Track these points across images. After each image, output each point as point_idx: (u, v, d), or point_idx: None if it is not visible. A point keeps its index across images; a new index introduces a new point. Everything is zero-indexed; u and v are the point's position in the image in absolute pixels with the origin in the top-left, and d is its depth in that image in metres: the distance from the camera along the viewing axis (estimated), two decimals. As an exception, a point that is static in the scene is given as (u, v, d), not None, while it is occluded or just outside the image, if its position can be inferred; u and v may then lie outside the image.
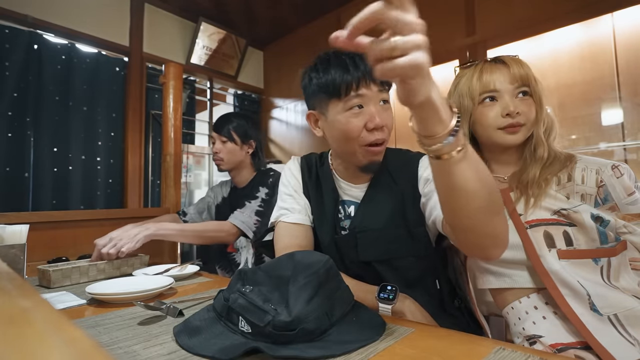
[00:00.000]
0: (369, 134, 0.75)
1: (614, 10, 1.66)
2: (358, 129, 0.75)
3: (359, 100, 0.74)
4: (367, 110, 0.75)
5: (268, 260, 0.85)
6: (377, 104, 0.76)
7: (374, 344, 0.52)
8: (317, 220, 0.88)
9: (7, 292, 0.29)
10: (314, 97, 0.81)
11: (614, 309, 0.65)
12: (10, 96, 1.99)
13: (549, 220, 0.71)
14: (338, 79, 0.73)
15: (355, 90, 0.73)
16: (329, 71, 0.75)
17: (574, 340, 0.66)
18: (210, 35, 2.86)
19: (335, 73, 0.74)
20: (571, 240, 0.69)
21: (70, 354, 0.15)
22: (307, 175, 0.92)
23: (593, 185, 0.70)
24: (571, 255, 0.68)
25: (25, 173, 2.03)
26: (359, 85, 0.73)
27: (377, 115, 0.74)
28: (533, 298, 0.72)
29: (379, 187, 0.83)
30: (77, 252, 1.48)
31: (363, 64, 0.73)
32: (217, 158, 1.51)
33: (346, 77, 0.73)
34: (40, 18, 2.08)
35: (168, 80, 2.14)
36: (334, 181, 0.89)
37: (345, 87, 0.73)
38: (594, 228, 0.68)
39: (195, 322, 0.58)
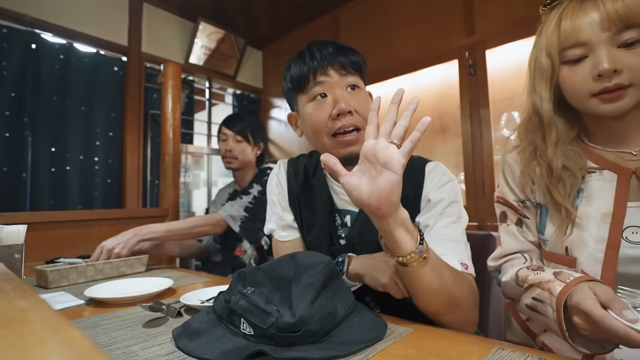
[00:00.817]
0: (335, 121, 0.71)
1: (612, 11, 1.67)
2: (323, 119, 0.72)
3: (320, 89, 0.72)
4: (331, 97, 0.72)
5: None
6: (343, 89, 0.72)
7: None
8: (308, 230, 0.84)
9: (5, 292, 0.29)
10: (288, 96, 0.81)
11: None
12: (8, 96, 1.98)
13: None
14: (297, 71, 0.73)
15: (314, 79, 0.72)
16: (291, 67, 0.76)
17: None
18: (209, 35, 2.85)
19: (295, 66, 0.75)
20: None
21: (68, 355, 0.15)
22: (295, 183, 0.86)
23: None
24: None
25: (23, 173, 2.02)
26: (316, 73, 0.72)
27: (343, 100, 0.70)
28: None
29: None
30: (75, 253, 1.47)
31: (320, 53, 0.71)
32: (229, 156, 1.50)
33: (303, 68, 0.73)
34: (38, 17, 2.07)
35: (167, 80, 2.14)
36: (328, 187, 0.83)
37: (305, 78, 0.72)
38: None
39: (195, 325, 0.57)
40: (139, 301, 0.78)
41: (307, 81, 0.72)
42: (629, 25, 0.51)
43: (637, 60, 0.52)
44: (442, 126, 2.25)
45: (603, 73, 0.53)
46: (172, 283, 0.89)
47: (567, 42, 0.56)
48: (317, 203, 0.83)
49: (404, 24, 2.33)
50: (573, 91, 0.58)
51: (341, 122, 0.71)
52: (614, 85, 0.53)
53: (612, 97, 0.54)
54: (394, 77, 2.36)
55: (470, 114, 2.04)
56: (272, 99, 3.33)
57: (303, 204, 0.85)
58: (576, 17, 0.55)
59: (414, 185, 0.76)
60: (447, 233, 0.70)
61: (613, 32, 0.53)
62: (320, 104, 0.73)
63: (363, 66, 0.77)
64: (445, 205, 0.72)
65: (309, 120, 0.75)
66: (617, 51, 0.53)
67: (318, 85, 0.72)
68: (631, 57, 0.52)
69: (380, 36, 2.44)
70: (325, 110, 0.72)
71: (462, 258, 0.67)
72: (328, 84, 0.72)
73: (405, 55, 2.30)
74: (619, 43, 0.53)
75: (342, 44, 0.76)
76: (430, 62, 2.19)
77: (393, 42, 2.38)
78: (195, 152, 3.15)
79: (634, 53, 0.52)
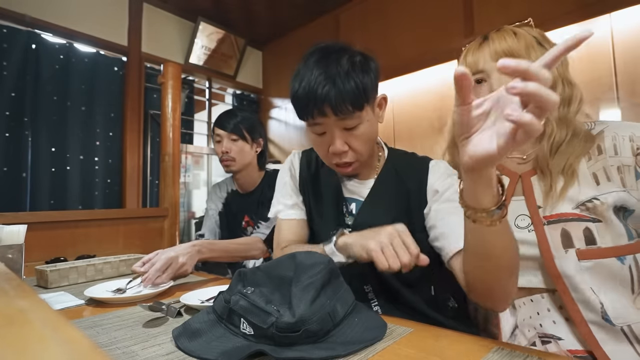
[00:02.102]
0: (332, 156, 0.76)
1: (612, 11, 1.67)
2: (323, 152, 0.77)
3: (320, 128, 0.74)
4: (328, 136, 0.74)
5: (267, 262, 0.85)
6: (340, 129, 0.73)
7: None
8: (317, 217, 0.87)
9: (5, 292, 0.29)
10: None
11: (627, 321, 0.60)
12: (8, 96, 1.98)
13: (569, 216, 0.63)
14: (299, 104, 0.73)
15: (312, 119, 0.72)
16: (296, 89, 0.72)
17: (583, 348, 0.62)
18: (209, 35, 2.85)
19: (298, 96, 0.72)
20: (594, 238, 0.62)
21: (68, 355, 0.15)
22: (307, 171, 0.91)
23: (629, 155, 0.61)
24: (591, 255, 0.61)
25: (23, 173, 2.02)
26: (315, 115, 0.71)
27: (337, 143, 0.73)
28: (547, 298, 0.67)
29: (385, 185, 0.82)
30: (75, 253, 1.47)
31: (322, 88, 0.68)
32: (227, 158, 1.35)
33: (302, 104, 0.72)
34: (38, 17, 2.07)
35: (167, 80, 2.14)
36: (338, 178, 0.87)
37: (305, 113, 0.73)
38: (618, 221, 0.61)
39: (195, 325, 0.57)
40: (139, 301, 0.78)
41: (308, 117, 0.73)
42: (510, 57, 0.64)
43: None
44: (441, 126, 2.25)
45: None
46: (172, 283, 0.89)
47: (472, 69, 0.72)
48: (325, 191, 0.87)
49: (404, 24, 2.33)
50: None
51: (336, 159, 0.76)
52: None
53: None
54: (393, 77, 2.36)
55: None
56: (272, 99, 3.33)
57: (311, 191, 0.89)
58: (477, 52, 0.73)
59: (418, 180, 0.80)
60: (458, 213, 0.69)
61: None
62: (319, 138, 0.76)
63: (369, 91, 0.72)
64: (452, 192, 0.74)
65: (312, 144, 0.81)
66: (504, 77, 0.66)
67: (317, 125, 0.74)
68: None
69: (380, 36, 2.44)
70: (324, 145, 0.76)
71: None
72: (326, 125, 0.73)
73: (405, 56, 2.30)
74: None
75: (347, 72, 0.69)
76: (430, 62, 2.19)
77: (393, 42, 2.38)
78: (195, 152, 3.15)
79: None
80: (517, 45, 0.68)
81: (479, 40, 0.75)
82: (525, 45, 0.68)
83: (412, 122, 2.37)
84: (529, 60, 0.61)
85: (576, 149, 0.66)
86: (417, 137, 2.37)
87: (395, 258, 0.60)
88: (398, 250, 0.60)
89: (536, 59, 0.63)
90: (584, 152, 0.66)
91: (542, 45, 0.70)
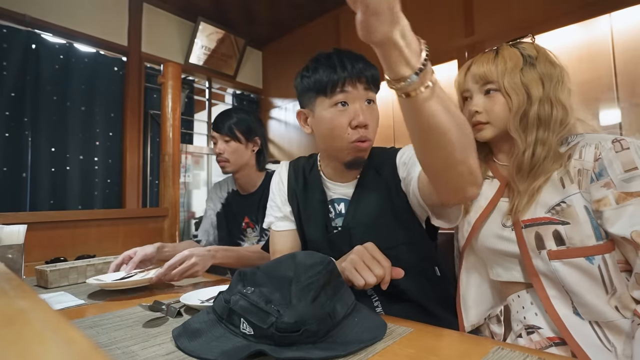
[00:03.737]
0: (354, 131, 0.78)
1: (612, 11, 1.67)
2: (343, 126, 0.78)
3: (343, 97, 0.77)
4: (352, 108, 0.78)
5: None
6: (363, 102, 0.79)
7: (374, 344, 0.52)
8: (305, 222, 0.92)
9: (5, 292, 0.29)
10: (303, 95, 0.85)
11: (594, 317, 0.65)
12: (8, 96, 1.98)
13: (542, 220, 0.69)
14: (325, 77, 0.77)
15: (341, 87, 0.77)
16: (317, 70, 0.79)
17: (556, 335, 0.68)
18: (209, 35, 2.85)
19: (324, 72, 0.78)
20: (562, 239, 0.67)
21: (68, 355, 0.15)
22: (294, 181, 0.95)
23: (590, 160, 0.66)
24: (561, 255, 0.66)
25: (23, 173, 2.02)
26: (344, 83, 0.77)
27: (362, 114, 0.77)
28: (530, 293, 0.73)
29: (367, 182, 0.86)
30: (75, 252, 1.47)
31: (351, 65, 0.77)
32: (221, 159, 1.36)
33: (333, 76, 0.77)
34: (38, 17, 2.07)
35: (167, 80, 2.14)
36: (322, 183, 0.92)
37: (332, 84, 0.77)
38: (587, 222, 0.65)
39: (195, 325, 0.57)
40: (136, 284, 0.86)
41: (335, 88, 0.77)
42: (486, 81, 0.76)
43: (493, 105, 0.75)
44: (442, 126, 2.25)
45: (470, 112, 0.78)
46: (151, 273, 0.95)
47: (460, 88, 0.82)
48: (313, 196, 0.91)
49: (404, 24, 2.32)
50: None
51: (359, 133, 0.78)
52: (476, 120, 0.77)
53: (478, 128, 0.78)
54: (393, 77, 2.36)
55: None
56: (272, 99, 3.33)
57: (301, 199, 0.93)
58: (462, 73, 0.81)
59: (390, 167, 0.84)
60: None
61: (479, 85, 0.77)
62: (341, 112, 0.78)
63: (380, 82, 0.81)
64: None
65: (327, 124, 0.80)
66: (483, 97, 0.77)
67: (343, 93, 0.77)
68: (489, 102, 0.76)
69: (380, 36, 2.43)
70: (345, 118, 0.78)
71: None
72: (352, 95, 0.77)
73: (405, 56, 2.30)
74: (483, 92, 0.77)
75: (364, 58, 0.80)
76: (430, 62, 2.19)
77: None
78: (195, 152, 3.15)
79: (492, 100, 0.76)
80: (492, 71, 0.75)
81: (468, 63, 0.82)
82: (502, 69, 0.74)
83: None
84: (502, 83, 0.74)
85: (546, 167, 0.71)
86: (417, 137, 2.36)
87: (369, 272, 0.63)
88: (370, 264, 0.64)
89: (508, 83, 0.74)
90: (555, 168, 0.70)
91: (533, 65, 0.74)
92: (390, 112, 2.38)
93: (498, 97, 0.75)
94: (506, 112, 0.74)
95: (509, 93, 0.73)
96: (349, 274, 0.65)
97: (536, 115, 0.71)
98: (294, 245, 0.94)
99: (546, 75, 0.73)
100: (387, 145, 0.95)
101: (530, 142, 0.71)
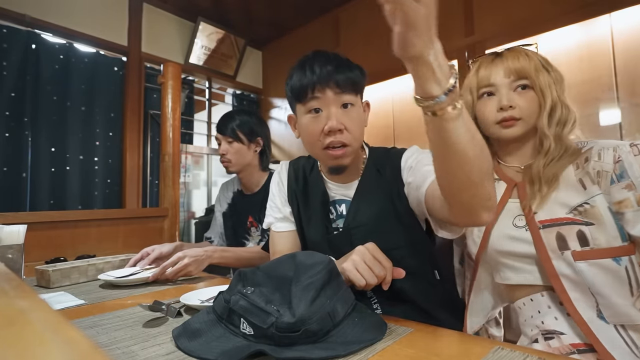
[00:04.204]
0: (326, 136, 0.77)
1: (612, 11, 1.67)
2: (316, 133, 0.77)
3: (316, 104, 0.77)
4: (325, 113, 0.77)
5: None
6: (337, 107, 0.77)
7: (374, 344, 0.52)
8: (306, 223, 0.91)
9: (5, 292, 0.29)
10: (289, 101, 0.86)
11: (620, 320, 0.63)
12: (8, 96, 1.98)
13: (563, 220, 0.68)
14: (297, 82, 0.77)
15: (311, 94, 0.76)
16: (292, 76, 0.79)
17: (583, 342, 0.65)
18: (209, 35, 2.85)
19: (296, 78, 0.78)
20: (587, 240, 0.65)
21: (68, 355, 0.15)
22: (294, 181, 0.94)
23: (610, 162, 0.67)
24: (587, 256, 0.65)
25: (23, 173, 2.02)
26: (314, 88, 0.75)
27: (334, 118, 0.75)
28: (547, 296, 0.71)
29: (368, 183, 0.85)
30: (75, 252, 1.47)
31: (319, 69, 0.75)
32: (224, 160, 1.42)
33: (303, 81, 0.76)
34: (38, 17, 2.07)
35: (167, 80, 2.14)
36: (324, 183, 0.90)
37: (303, 90, 0.76)
38: (612, 223, 0.65)
39: (195, 325, 0.57)
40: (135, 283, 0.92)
41: (305, 94, 0.77)
42: (521, 76, 0.74)
43: (527, 101, 0.74)
44: (442, 126, 2.25)
45: (503, 107, 0.74)
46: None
47: (483, 83, 0.78)
48: (313, 197, 0.90)
49: (404, 24, 2.32)
50: (483, 119, 0.79)
51: (331, 138, 0.76)
52: (509, 115, 0.74)
53: (508, 125, 0.75)
54: (393, 77, 2.36)
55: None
56: (272, 99, 3.33)
57: (301, 199, 0.92)
58: (489, 67, 0.78)
59: (394, 168, 0.83)
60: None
61: (511, 79, 0.75)
62: (315, 118, 0.78)
63: (361, 82, 0.80)
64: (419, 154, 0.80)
65: (304, 130, 0.81)
66: (513, 93, 0.75)
67: (314, 100, 0.76)
68: (522, 98, 0.74)
69: (380, 36, 2.43)
70: (319, 124, 0.77)
71: None
72: (323, 101, 0.76)
73: (405, 55, 2.30)
74: (514, 87, 0.75)
75: (344, 60, 0.78)
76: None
77: (393, 42, 2.37)
78: (195, 152, 3.15)
79: (525, 96, 0.74)
80: (528, 66, 0.74)
81: (491, 56, 0.80)
82: (534, 66, 0.74)
83: (412, 122, 2.37)
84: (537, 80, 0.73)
85: (565, 163, 0.72)
86: (417, 137, 2.36)
87: (370, 273, 0.63)
88: (371, 265, 0.64)
89: (543, 80, 0.72)
90: (570, 161, 0.72)
91: (545, 68, 0.75)
92: (390, 112, 2.38)
93: (531, 94, 0.74)
94: (537, 109, 0.74)
95: (543, 90, 0.73)
96: (349, 274, 0.65)
97: (560, 114, 0.73)
98: (294, 246, 0.93)
99: (558, 80, 0.76)
100: (387, 144, 0.95)
101: (554, 138, 0.73)
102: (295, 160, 1.00)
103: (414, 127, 2.38)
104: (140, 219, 1.81)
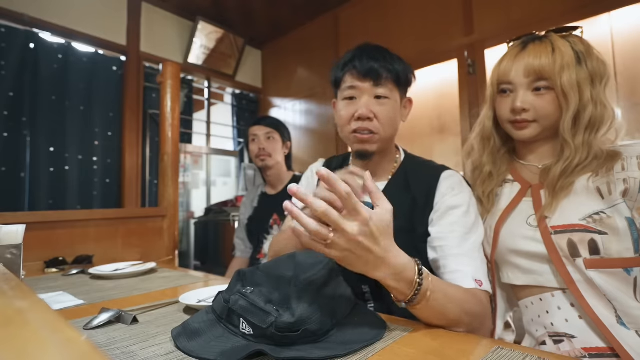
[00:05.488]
0: (355, 122, 0.80)
1: (611, 10, 1.67)
2: (347, 117, 0.81)
3: (352, 92, 0.81)
4: (358, 101, 0.80)
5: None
6: (371, 97, 0.80)
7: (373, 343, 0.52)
8: None
9: (4, 292, 0.29)
10: (332, 85, 0.89)
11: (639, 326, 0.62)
12: (6, 96, 1.98)
13: (576, 227, 0.65)
14: (340, 72, 0.83)
15: (349, 82, 0.81)
16: (338, 65, 0.84)
17: (604, 345, 0.63)
18: (208, 35, 2.85)
19: (339, 68, 0.83)
20: (598, 249, 0.64)
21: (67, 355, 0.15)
22: None
23: (636, 169, 0.64)
24: (599, 265, 0.63)
25: (22, 173, 2.02)
26: (353, 78, 0.80)
27: (365, 107, 0.78)
28: (558, 297, 0.68)
29: (394, 189, 0.83)
30: (73, 253, 1.47)
31: (360, 61, 0.79)
32: (263, 154, 1.49)
33: (344, 71, 0.82)
34: (37, 17, 2.07)
35: (165, 79, 2.13)
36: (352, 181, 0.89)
37: (342, 78, 0.82)
38: (628, 234, 0.63)
39: (194, 325, 0.56)
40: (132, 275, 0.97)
41: (344, 83, 0.82)
42: (540, 77, 0.69)
43: (543, 104, 0.70)
44: (440, 126, 2.25)
45: (515, 109, 0.71)
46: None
47: (502, 79, 0.74)
48: None
49: (404, 23, 2.33)
50: (499, 115, 0.77)
51: (359, 124, 0.80)
52: (521, 118, 0.71)
53: (521, 127, 0.73)
54: (393, 76, 2.36)
55: (469, 113, 2.04)
56: (272, 99, 3.33)
57: None
58: (512, 61, 0.72)
59: (426, 190, 0.79)
60: (462, 246, 0.69)
61: (530, 80, 0.70)
62: (348, 104, 0.82)
63: (403, 79, 0.82)
64: (460, 214, 0.73)
65: (337, 114, 0.85)
66: (530, 94, 0.71)
67: (351, 89, 0.81)
68: (539, 100, 0.70)
69: (380, 36, 2.43)
70: (350, 110, 0.81)
71: (476, 275, 0.66)
72: (359, 90, 0.80)
73: (405, 55, 2.28)
74: (532, 88, 0.71)
75: (389, 55, 0.82)
76: (430, 61, 2.19)
77: (392, 41, 2.37)
78: (195, 152, 3.14)
79: (542, 98, 0.70)
80: (550, 66, 0.68)
81: (519, 46, 0.74)
82: (560, 65, 0.68)
83: (412, 122, 2.37)
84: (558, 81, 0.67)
85: (586, 171, 0.68)
86: (417, 136, 2.37)
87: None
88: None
89: (567, 81, 0.68)
90: (592, 170, 0.68)
91: (580, 63, 0.69)
92: (389, 112, 2.38)
93: (550, 95, 0.69)
94: (556, 111, 0.69)
95: (566, 92, 0.67)
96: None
97: (589, 118, 0.68)
98: None
99: (597, 73, 0.69)
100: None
101: (579, 144, 0.68)
102: (330, 159, 1.01)
103: (414, 127, 2.38)
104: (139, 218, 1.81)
